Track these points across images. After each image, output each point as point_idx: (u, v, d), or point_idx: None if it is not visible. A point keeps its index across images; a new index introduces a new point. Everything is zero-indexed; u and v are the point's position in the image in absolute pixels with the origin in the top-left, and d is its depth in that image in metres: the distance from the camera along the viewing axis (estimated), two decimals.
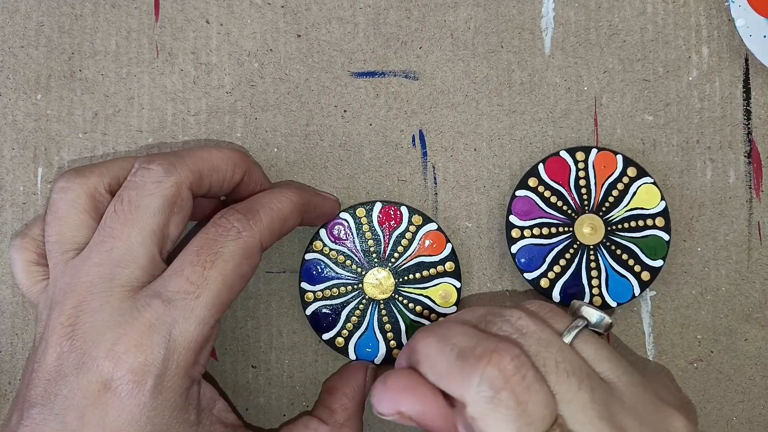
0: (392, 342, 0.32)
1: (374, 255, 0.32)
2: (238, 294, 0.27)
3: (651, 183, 0.32)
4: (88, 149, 0.34)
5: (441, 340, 0.25)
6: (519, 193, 0.33)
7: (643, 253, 0.32)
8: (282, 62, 0.34)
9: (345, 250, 0.33)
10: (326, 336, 0.32)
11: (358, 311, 0.32)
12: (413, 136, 0.34)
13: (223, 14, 0.34)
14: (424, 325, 0.32)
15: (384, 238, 0.33)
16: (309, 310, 0.32)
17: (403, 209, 0.33)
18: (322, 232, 0.33)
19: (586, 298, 0.32)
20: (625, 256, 0.32)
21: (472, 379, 0.23)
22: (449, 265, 0.33)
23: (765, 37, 0.32)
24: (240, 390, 0.33)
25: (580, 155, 0.33)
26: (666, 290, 0.34)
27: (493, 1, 0.34)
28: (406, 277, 0.32)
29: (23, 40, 0.34)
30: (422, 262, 0.33)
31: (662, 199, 0.32)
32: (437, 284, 0.33)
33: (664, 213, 0.32)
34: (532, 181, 0.33)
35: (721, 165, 0.34)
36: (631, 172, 0.32)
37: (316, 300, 0.32)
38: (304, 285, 0.32)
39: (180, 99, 0.34)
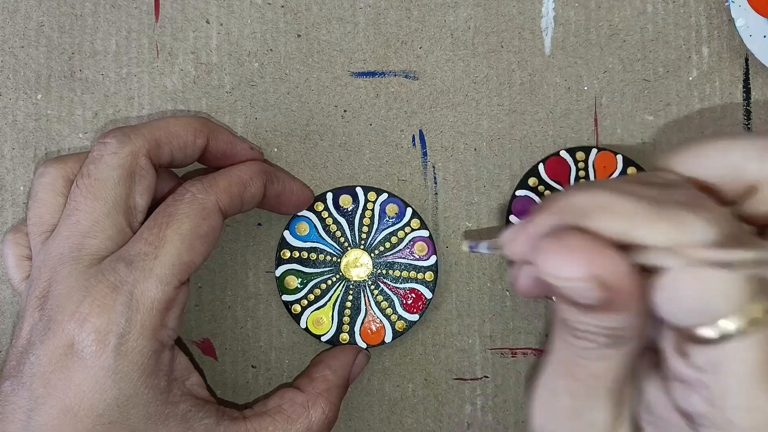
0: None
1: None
2: (203, 256, 0.27)
3: None
4: (88, 149, 0.34)
5: (613, 190, 0.19)
6: (519, 193, 0.33)
7: None
8: (282, 62, 0.34)
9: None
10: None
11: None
12: (413, 136, 0.34)
13: (223, 14, 0.34)
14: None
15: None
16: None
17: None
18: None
19: None
20: None
21: (687, 224, 0.18)
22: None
23: (765, 37, 0.32)
24: (240, 390, 0.33)
25: (580, 155, 0.33)
26: None
27: (493, 1, 0.34)
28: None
29: (23, 40, 0.34)
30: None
31: None
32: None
33: None
34: (532, 181, 0.33)
35: None
36: (631, 171, 0.32)
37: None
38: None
39: (180, 99, 0.34)
